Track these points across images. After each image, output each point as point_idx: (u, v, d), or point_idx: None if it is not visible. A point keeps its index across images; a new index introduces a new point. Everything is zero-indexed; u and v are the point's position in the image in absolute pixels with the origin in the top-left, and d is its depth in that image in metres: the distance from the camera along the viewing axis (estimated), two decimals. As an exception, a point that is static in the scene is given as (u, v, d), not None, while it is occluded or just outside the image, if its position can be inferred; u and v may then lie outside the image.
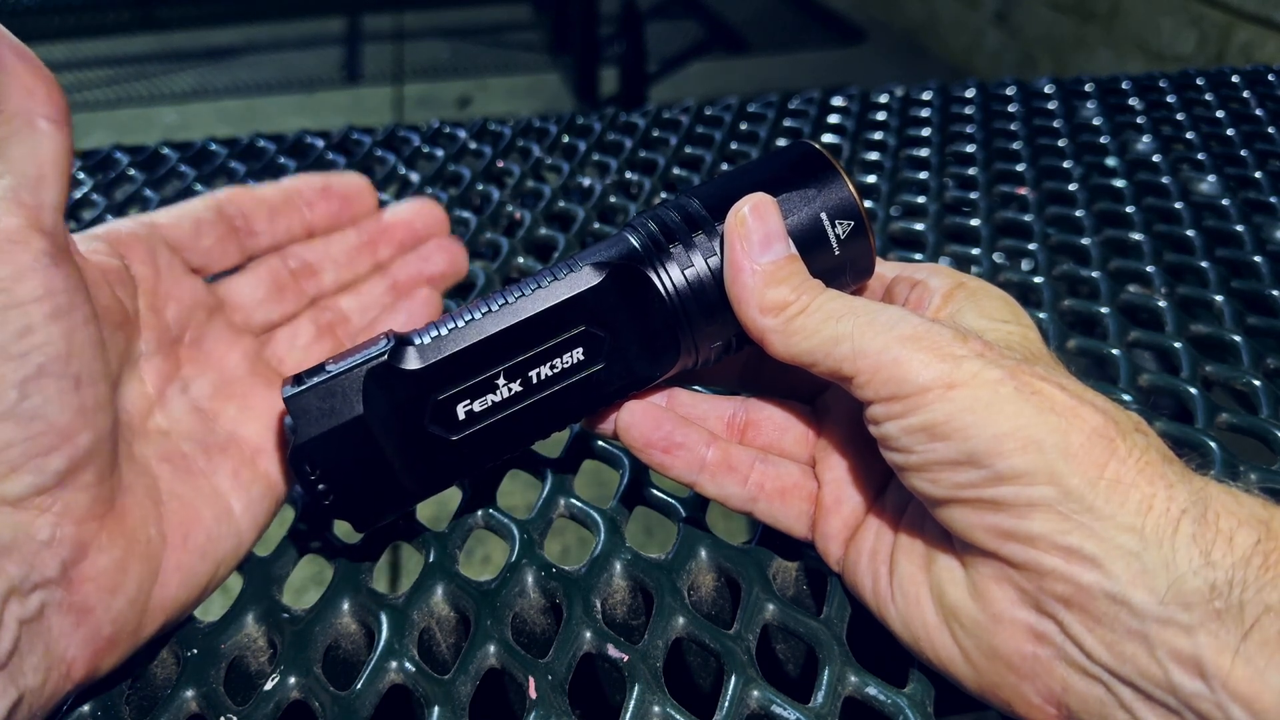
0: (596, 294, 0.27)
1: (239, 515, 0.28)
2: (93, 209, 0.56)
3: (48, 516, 0.23)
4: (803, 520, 0.29)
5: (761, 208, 0.26)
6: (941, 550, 0.25)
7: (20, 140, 0.24)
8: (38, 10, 3.26)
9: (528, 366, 0.27)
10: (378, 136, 0.65)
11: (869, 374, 0.24)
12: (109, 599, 0.24)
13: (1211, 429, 0.36)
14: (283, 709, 0.27)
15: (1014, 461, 0.21)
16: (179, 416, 0.29)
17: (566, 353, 0.27)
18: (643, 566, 0.30)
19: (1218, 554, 0.20)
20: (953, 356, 0.23)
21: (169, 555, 0.26)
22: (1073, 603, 0.21)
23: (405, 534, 0.32)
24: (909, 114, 0.66)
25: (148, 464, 0.27)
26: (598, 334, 0.27)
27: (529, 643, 0.30)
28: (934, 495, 0.23)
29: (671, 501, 0.33)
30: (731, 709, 0.26)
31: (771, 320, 0.26)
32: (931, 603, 0.25)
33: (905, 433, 0.23)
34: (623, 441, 0.29)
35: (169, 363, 0.29)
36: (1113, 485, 0.21)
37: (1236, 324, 0.42)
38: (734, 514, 0.29)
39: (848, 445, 0.29)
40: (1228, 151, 0.59)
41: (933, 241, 0.50)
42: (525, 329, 0.27)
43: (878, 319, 0.24)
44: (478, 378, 0.27)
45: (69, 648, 0.23)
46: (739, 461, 0.28)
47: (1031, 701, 0.23)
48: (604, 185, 0.57)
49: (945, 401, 0.22)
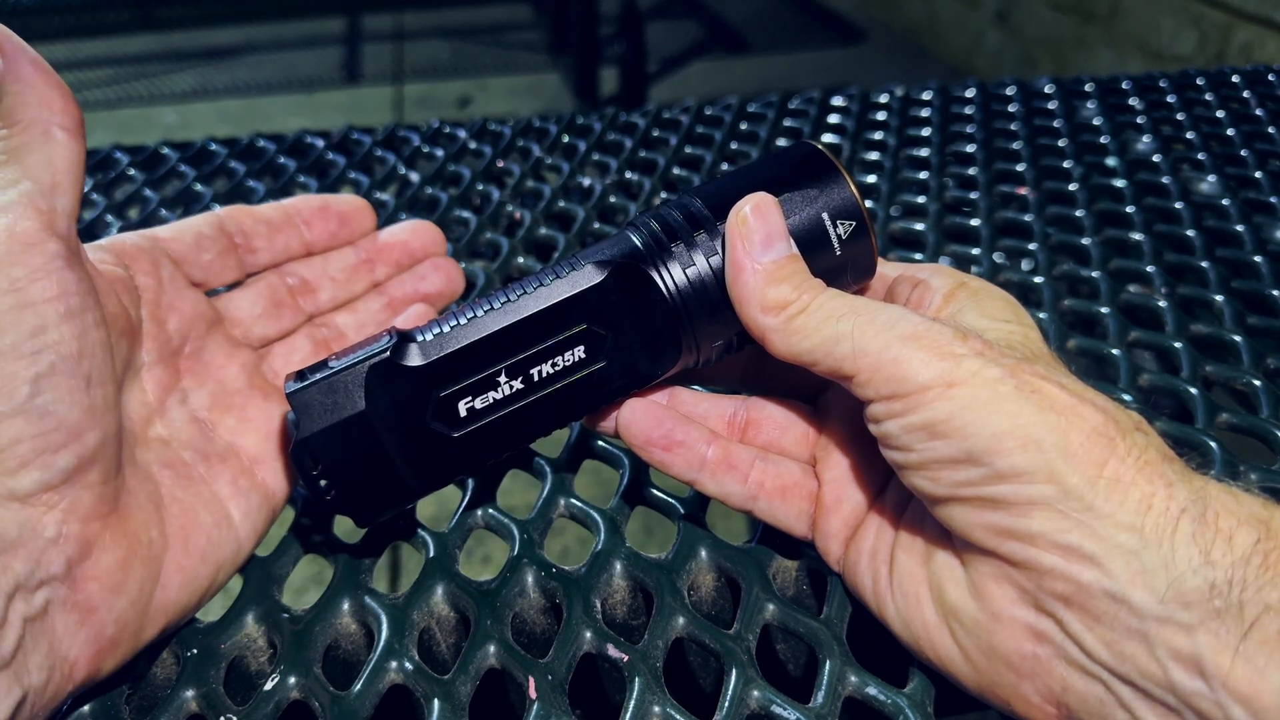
0: (598, 292, 0.27)
1: (238, 522, 0.29)
2: (93, 209, 0.56)
3: (54, 513, 0.23)
4: (803, 519, 0.29)
5: (763, 207, 0.26)
6: (941, 549, 0.25)
7: (37, 148, 0.24)
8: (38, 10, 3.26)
9: (529, 364, 0.27)
10: (378, 136, 0.65)
11: (869, 373, 0.24)
12: (112, 599, 0.24)
13: (1211, 429, 0.36)
14: (283, 709, 0.27)
15: (1014, 460, 0.22)
16: (179, 426, 0.29)
17: (568, 350, 0.27)
18: (643, 566, 0.30)
19: (1217, 553, 0.20)
20: (953, 355, 0.23)
21: (170, 557, 0.26)
22: (1072, 601, 0.21)
23: (405, 534, 0.32)
24: (909, 114, 0.66)
25: (149, 469, 0.27)
26: (599, 332, 0.27)
27: (529, 643, 0.30)
28: (934, 494, 0.23)
29: (671, 501, 0.33)
30: (731, 709, 0.26)
31: (773, 319, 0.26)
32: (931, 602, 0.25)
33: (905, 431, 0.23)
34: (623, 439, 0.29)
35: (169, 373, 0.29)
36: (1112, 484, 0.21)
37: (1236, 324, 0.42)
38: (734, 514, 0.29)
39: (848, 444, 0.29)
40: (1228, 151, 0.59)
41: (933, 241, 0.50)
42: (527, 326, 0.27)
43: (878, 318, 0.24)
44: (480, 374, 0.27)
45: (72, 647, 0.23)
46: (739, 460, 0.28)
47: (1031, 700, 0.23)
48: (604, 185, 0.57)
49: (945, 400, 0.22)
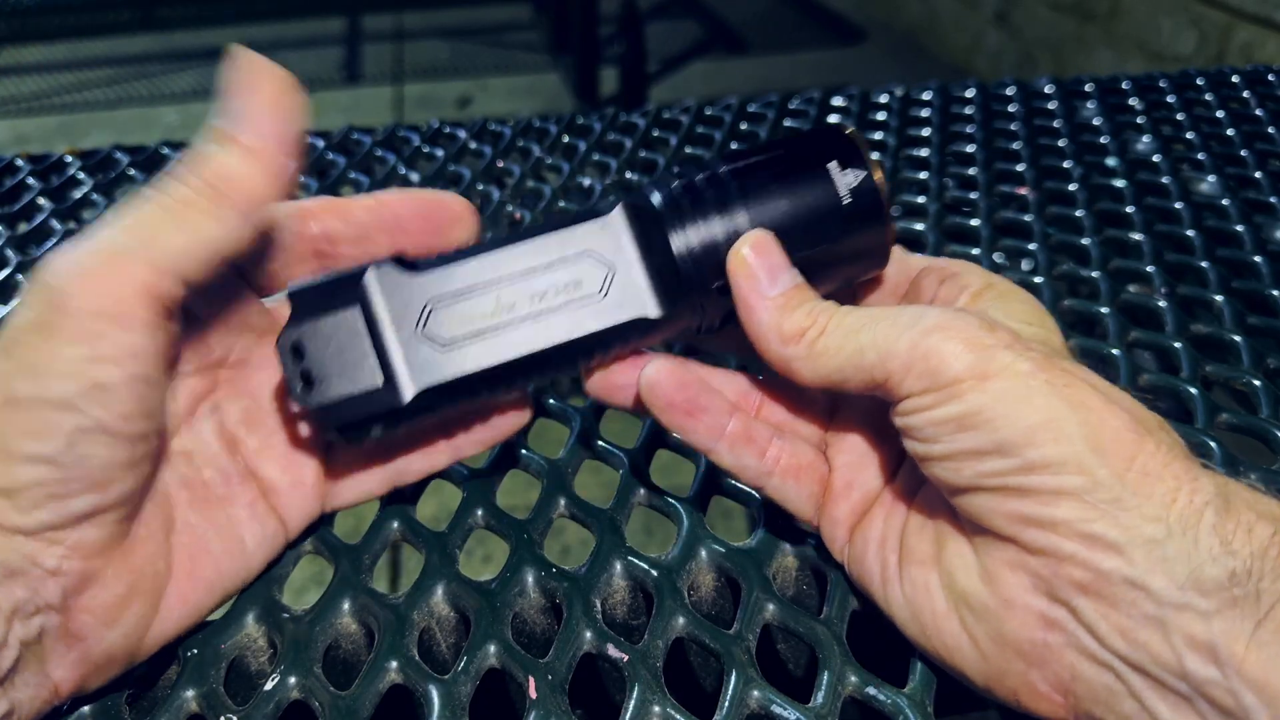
0: (607, 225, 0.27)
1: (250, 550, 0.28)
2: (93, 209, 0.56)
3: (56, 548, 0.22)
4: (810, 502, 0.29)
5: (761, 244, 0.27)
6: (953, 537, 0.25)
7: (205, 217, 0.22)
8: (38, 10, 3.26)
9: (526, 280, 0.27)
10: (378, 136, 0.65)
11: (901, 373, 0.24)
12: (104, 631, 0.24)
13: (1211, 429, 0.36)
14: (283, 709, 0.27)
15: (1046, 451, 0.22)
16: (206, 439, 0.28)
17: (564, 272, 0.27)
18: (643, 566, 0.30)
19: (1238, 543, 0.20)
20: (983, 346, 0.23)
21: (173, 587, 0.26)
22: (1089, 588, 0.22)
23: (405, 534, 0.32)
24: (909, 114, 0.66)
25: (168, 491, 0.26)
26: (602, 259, 0.27)
27: (529, 642, 0.30)
28: (955, 483, 0.23)
29: (671, 501, 0.33)
30: (731, 709, 0.26)
31: (794, 349, 0.26)
32: (941, 589, 0.25)
33: (933, 424, 0.23)
34: (645, 400, 0.28)
35: (205, 382, 0.28)
36: (1140, 477, 0.21)
37: (1236, 324, 0.42)
38: (734, 514, 0.29)
39: (861, 430, 0.29)
40: (1228, 151, 0.59)
41: (933, 241, 0.50)
42: (529, 249, 0.27)
43: (899, 319, 0.25)
44: (477, 293, 0.27)
45: (58, 669, 0.23)
46: (758, 435, 0.28)
47: (1039, 690, 0.23)
48: (604, 185, 0.57)
49: (979, 393, 0.23)
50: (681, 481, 0.34)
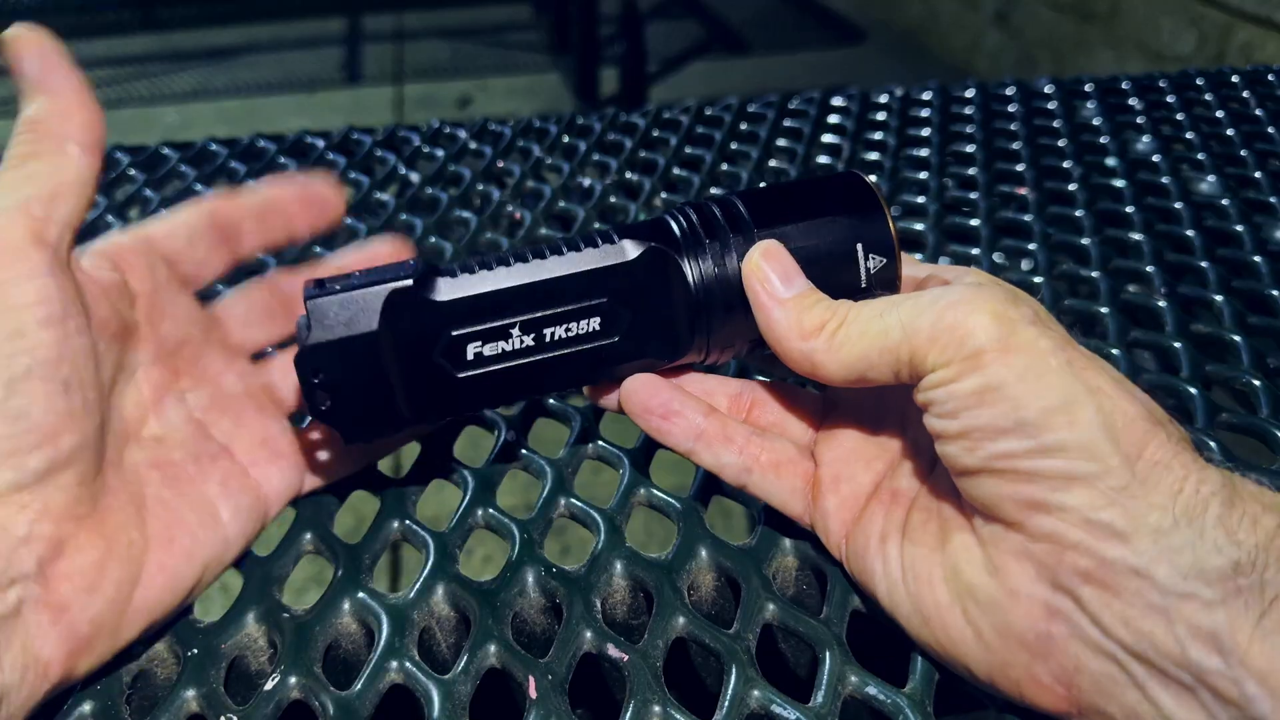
0: (627, 270, 0.27)
1: (226, 522, 0.29)
2: (94, 209, 0.56)
3: (26, 513, 0.23)
4: (797, 497, 0.29)
5: (771, 251, 0.27)
6: (957, 528, 0.25)
7: (47, 158, 0.25)
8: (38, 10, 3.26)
9: (544, 324, 0.27)
10: (378, 136, 0.65)
11: (926, 346, 0.24)
12: (86, 598, 0.24)
13: (1211, 429, 0.36)
14: (283, 709, 0.27)
15: (1061, 435, 0.22)
16: (175, 424, 0.29)
17: (585, 320, 0.28)
18: (643, 566, 0.30)
19: (1243, 534, 0.21)
20: (1007, 319, 0.23)
21: (152, 557, 0.26)
22: (1093, 577, 0.22)
23: (405, 534, 0.32)
24: (909, 114, 0.66)
25: (137, 470, 0.27)
26: (619, 309, 0.28)
27: (529, 642, 0.30)
28: (967, 464, 0.24)
29: (671, 501, 0.33)
30: (731, 709, 0.26)
31: (816, 341, 0.26)
32: (944, 582, 0.25)
33: (954, 397, 0.23)
34: (624, 408, 0.30)
35: (167, 373, 0.30)
36: (1150, 467, 0.22)
37: (1236, 324, 0.42)
38: (734, 514, 0.29)
39: (851, 430, 0.29)
40: (1228, 151, 0.59)
41: (933, 241, 0.50)
42: (551, 287, 0.27)
43: (921, 299, 0.25)
44: (494, 323, 0.27)
45: (45, 646, 0.24)
46: (736, 434, 0.29)
47: (1042, 681, 0.23)
48: (604, 185, 0.57)
49: (1001, 365, 0.23)
50: (681, 481, 0.34)
